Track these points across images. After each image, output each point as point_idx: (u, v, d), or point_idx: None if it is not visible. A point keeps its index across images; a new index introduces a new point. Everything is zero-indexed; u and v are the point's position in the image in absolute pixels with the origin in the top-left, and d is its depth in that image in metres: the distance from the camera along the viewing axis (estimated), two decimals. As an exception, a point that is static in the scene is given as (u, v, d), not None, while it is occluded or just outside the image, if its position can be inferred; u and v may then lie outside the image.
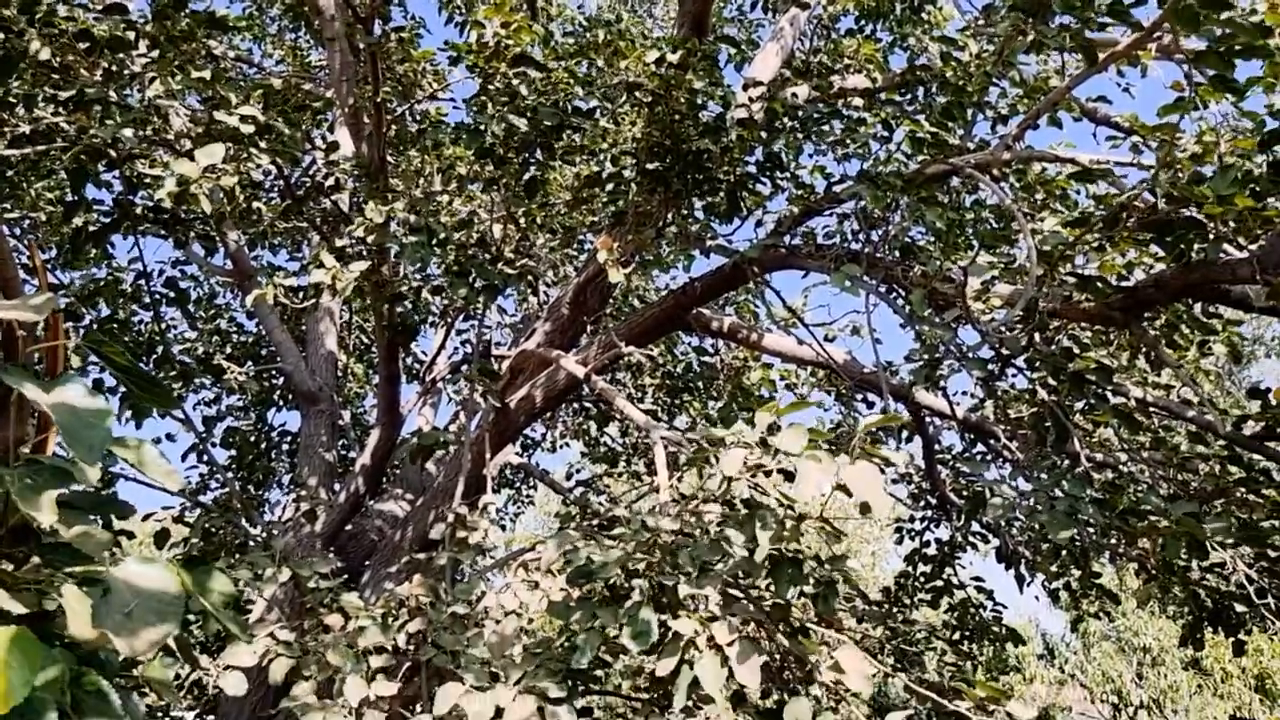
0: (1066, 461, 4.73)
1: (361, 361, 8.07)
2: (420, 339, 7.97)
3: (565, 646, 3.37)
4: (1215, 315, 4.57)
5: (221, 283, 7.79)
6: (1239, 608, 5.98)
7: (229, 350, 7.32)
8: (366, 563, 5.68)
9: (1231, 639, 6.21)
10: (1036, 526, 5.80)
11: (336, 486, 6.09)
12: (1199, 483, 4.52)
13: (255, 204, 4.44)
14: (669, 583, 2.94)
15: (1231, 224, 3.12)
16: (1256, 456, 4.57)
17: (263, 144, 4.08)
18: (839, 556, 2.97)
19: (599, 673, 4.94)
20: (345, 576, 4.37)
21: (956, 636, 7.05)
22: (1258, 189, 3.13)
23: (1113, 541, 6.30)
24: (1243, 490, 4.30)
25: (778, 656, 2.93)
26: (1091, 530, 4.02)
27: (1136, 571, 7.44)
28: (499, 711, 2.94)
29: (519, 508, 9.47)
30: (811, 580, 2.82)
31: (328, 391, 6.22)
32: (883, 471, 2.76)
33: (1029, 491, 3.58)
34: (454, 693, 2.97)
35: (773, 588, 2.95)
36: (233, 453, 7.42)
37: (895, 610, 6.76)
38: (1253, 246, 3.10)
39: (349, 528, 6.00)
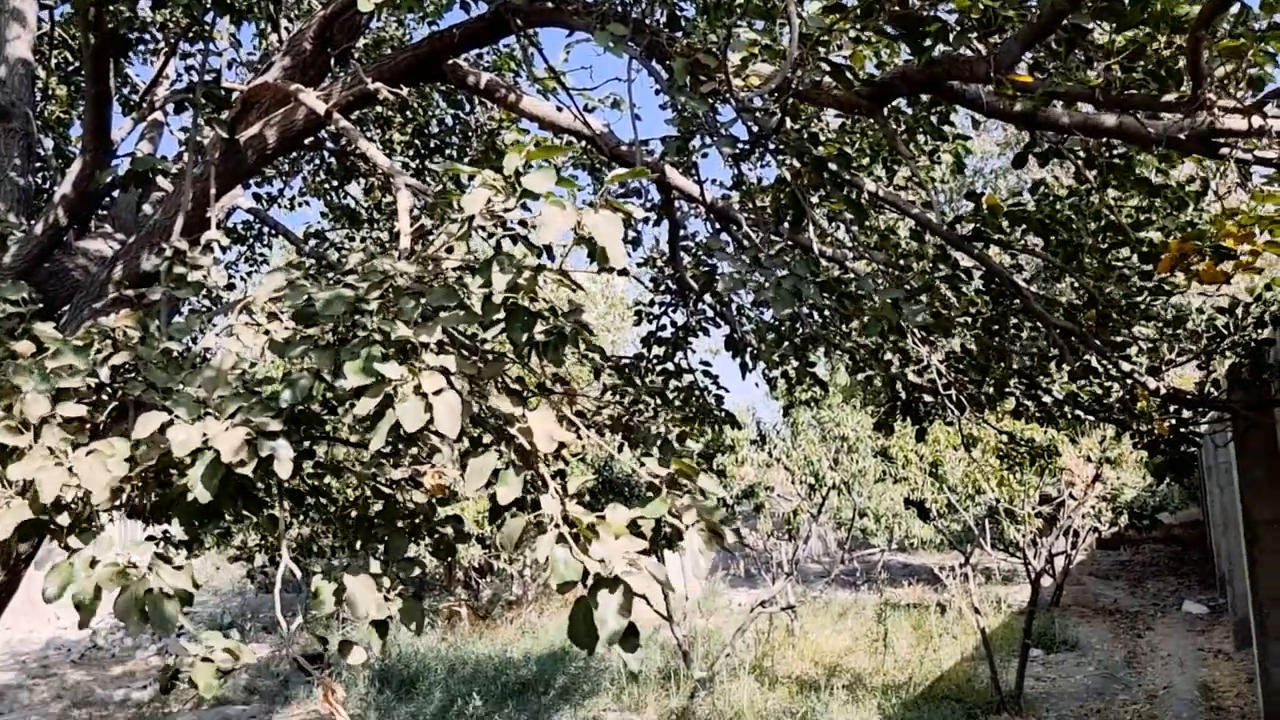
0: (798, 251, 4.97)
1: (66, 84, 7.09)
2: (138, 68, 7.09)
3: (286, 385, 3.24)
4: (948, 122, 4.84)
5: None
6: (927, 399, 6.69)
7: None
8: (66, 307, 5.19)
9: (916, 427, 6.96)
10: (763, 303, 6.11)
11: (32, 220, 5.44)
12: (911, 279, 4.88)
13: None
14: (387, 327, 2.85)
15: (975, 20, 3.24)
16: (965, 261, 4.99)
17: None
18: (575, 308, 2.97)
19: (328, 421, 4.85)
20: (40, 307, 3.96)
21: (681, 418, 7.46)
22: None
23: (828, 330, 6.79)
24: (945, 286, 4.70)
25: (485, 412, 2.94)
26: (812, 307, 4.26)
27: (847, 367, 8.10)
28: (205, 442, 2.79)
29: (252, 267, 8.93)
30: (542, 330, 2.83)
31: (21, 107, 5.44)
32: (626, 225, 2.75)
33: (758, 268, 3.72)
34: (155, 420, 2.79)
35: (502, 342, 2.94)
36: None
37: (628, 389, 7.04)
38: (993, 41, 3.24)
39: (48, 265, 5.41)
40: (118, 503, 3.03)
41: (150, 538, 5.26)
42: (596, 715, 10.82)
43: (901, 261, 5.08)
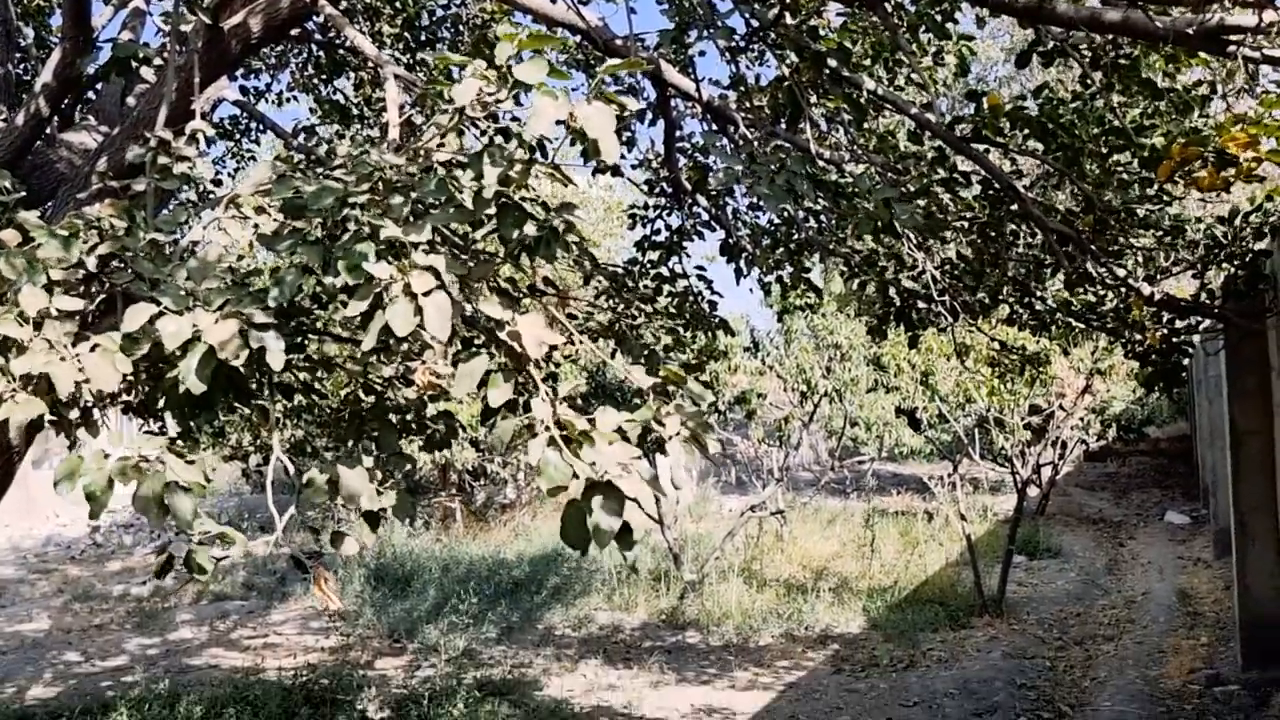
0: (795, 151, 4.89)
1: (45, -31, 6.85)
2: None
3: (274, 282, 3.21)
4: (952, 19, 4.72)
5: None
6: (921, 305, 6.67)
7: None
8: (51, 202, 5.11)
9: (909, 334, 6.95)
10: (757, 203, 6.03)
11: (14, 111, 5.32)
12: (908, 182, 4.82)
13: None
14: (377, 224, 2.80)
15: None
16: (964, 166, 4.92)
17: None
18: (566, 204, 2.93)
19: (318, 316, 4.83)
20: (24, 195, 3.89)
21: (672, 325, 7.45)
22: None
23: (823, 235, 6.73)
24: (943, 190, 4.64)
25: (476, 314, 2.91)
26: (806, 209, 4.21)
27: (841, 273, 8.06)
28: (196, 334, 2.76)
29: (239, 164, 8.78)
30: (534, 226, 2.79)
31: (-2, -7, 5.28)
32: (620, 119, 2.69)
33: (754, 166, 3.66)
34: (145, 312, 2.76)
35: (492, 241, 2.90)
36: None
37: (619, 296, 7.01)
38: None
39: (31, 158, 5.32)
40: (109, 399, 3.03)
41: (149, 433, 5.29)
42: (588, 614, 11.06)
43: (899, 165, 5.01)
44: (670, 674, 8.84)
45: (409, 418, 3.85)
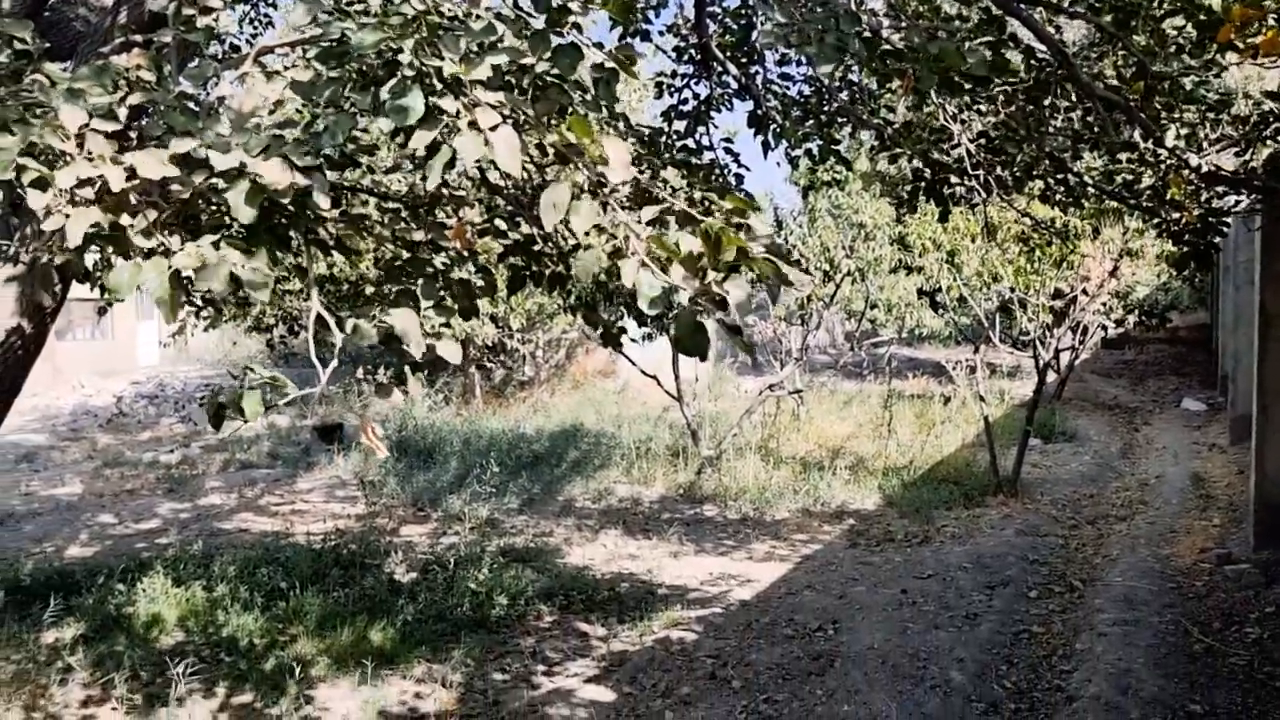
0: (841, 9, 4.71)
1: None
2: None
3: (313, 132, 3.15)
4: None
5: None
6: (954, 180, 6.54)
7: None
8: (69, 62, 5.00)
9: (940, 209, 6.84)
10: (788, 69, 5.85)
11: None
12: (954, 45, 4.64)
13: None
14: (435, 63, 2.73)
15: None
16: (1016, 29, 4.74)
17: None
18: (623, 46, 2.84)
19: (357, 170, 4.78)
20: (49, 46, 3.81)
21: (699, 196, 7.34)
22: None
23: (856, 104, 6.56)
24: (989, 53, 4.47)
25: (542, 146, 2.85)
26: (856, 63, 4.08)
27: (871, 148, 7.90)
28: (243, 167, 2.73)
29: (257, 29, 8.56)
30: (592, 65, 2.72)
31: None
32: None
33: (803, 22, 3.53)
34: (189, 143, 2.72)
35: (549, 76, 2.82)
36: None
37: (652, 159, 6.89)
38: None
39: (48, 14, 5.19)
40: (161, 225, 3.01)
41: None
42: (607, 487, 11.27)
43: (943, 30, 4.82)
44: (689, 545, 9.04)
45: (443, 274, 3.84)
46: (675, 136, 7.32)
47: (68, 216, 2.68)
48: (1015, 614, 6.79)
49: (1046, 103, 5.63)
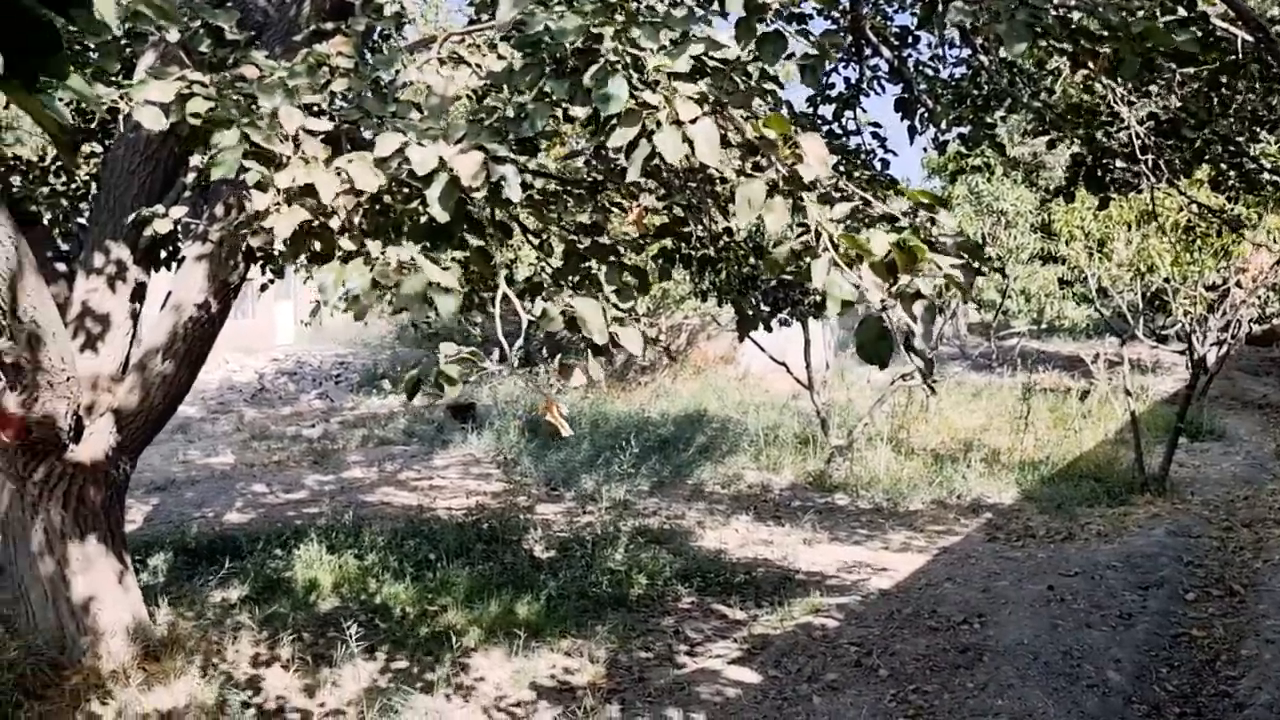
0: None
1: None
2: None
3: (507, 117, 3.23)
4: None
5: None
6: (1119, 164, 6.31)
7: None
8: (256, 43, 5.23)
9: (1100, 195, 6.61)
10: (990, 39, 5.73)
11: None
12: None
13: None
14: (637, 52, 2.78)
15: None
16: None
17: None
18: (827, 33, 2.84)
19: (541, 154, 4.89)
20: (253, 34, 4.01)
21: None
22: None
23: (1015, 88, 6.39)
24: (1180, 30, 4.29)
25: (740, 139, 2.87)
26: (1047, 42, 3.97)
27: (1027, 130, 7.66)
28: (442, 163, 2.83)
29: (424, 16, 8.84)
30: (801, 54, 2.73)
31: None
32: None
33: (991, 1, 3.46)
34: (395, 140, 2.84)
35: (750, 68, 2.84)
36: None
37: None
38: None
39: (230, 3, 5.46)
40: (359, 227, 3.15)
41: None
42: (736, 473, 11.28)
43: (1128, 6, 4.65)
44: (822, 532, 8.99)
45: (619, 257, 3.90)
46: (822, 121, 7.27)
47: (278, 210, 2.83)
48: (1172, 616, 6.55)
49: (1230, 84, 5.38)
